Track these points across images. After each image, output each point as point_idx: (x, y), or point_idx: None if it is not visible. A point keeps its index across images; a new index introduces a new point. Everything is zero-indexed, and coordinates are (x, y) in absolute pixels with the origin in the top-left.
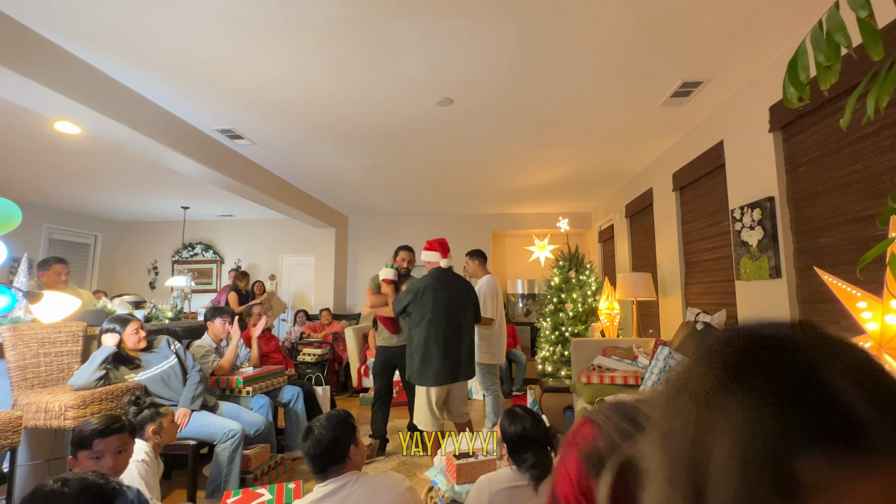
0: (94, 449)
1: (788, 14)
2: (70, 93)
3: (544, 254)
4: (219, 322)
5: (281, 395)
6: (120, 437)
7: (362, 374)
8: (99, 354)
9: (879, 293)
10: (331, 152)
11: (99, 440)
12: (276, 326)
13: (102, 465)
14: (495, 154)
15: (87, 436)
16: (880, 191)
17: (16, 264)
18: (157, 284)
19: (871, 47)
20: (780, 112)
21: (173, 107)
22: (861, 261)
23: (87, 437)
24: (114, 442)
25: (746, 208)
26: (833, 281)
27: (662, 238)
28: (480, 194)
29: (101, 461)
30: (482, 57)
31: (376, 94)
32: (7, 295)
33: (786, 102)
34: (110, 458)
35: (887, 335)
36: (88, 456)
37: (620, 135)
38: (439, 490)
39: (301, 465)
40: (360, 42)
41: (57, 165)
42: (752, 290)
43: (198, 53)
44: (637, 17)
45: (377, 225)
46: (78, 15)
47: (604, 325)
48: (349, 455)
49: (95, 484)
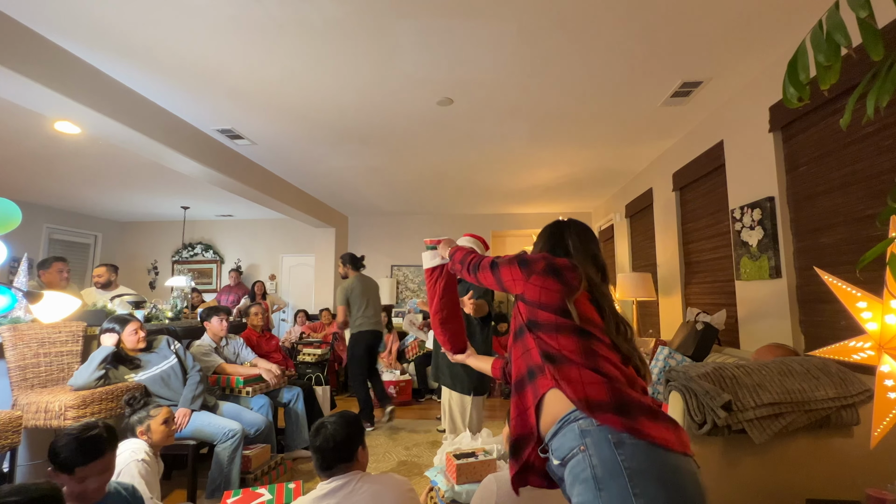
0: (76, 475)
1: (788, 14)
2: (70, 93)
3: None
4: (215, 321)
5: (281, 395)
6: (102, 460)
7: None
8: (98, 354)
9: (879, 293)
10: (331, 152)
11: (80, 467)
12: (277, 326)
13: (86, 488)
14: (495, 154)
15: (65, 461)
16: (880, 191)
17: (16, 264)
18: (157, 284)
19: (871, 47)
20: (780, 112)
21: (173, 107)
22: (861, 261)
23: (68, 461)
24: (96, 467)
25: (746, 208)
26: (833, 281)
27: (662, 238)
28: (480, 194)
29: (83, 484)
30: (482, 57)
31: (376, 94)
32: (7, 295)
33: (786, 102)
34: (95, 479)
35: (887, 335)
36: (70, 479)
37: (620, 135)
38: (439, 490)
39: (301, 465)
40: (360, 42)
41: (57, 165)
42: (752, 290)
43: (198, 53)
44: (637, 17)
45: (377, 225)
46: (78, 15)
47: None
48: (357, 455)
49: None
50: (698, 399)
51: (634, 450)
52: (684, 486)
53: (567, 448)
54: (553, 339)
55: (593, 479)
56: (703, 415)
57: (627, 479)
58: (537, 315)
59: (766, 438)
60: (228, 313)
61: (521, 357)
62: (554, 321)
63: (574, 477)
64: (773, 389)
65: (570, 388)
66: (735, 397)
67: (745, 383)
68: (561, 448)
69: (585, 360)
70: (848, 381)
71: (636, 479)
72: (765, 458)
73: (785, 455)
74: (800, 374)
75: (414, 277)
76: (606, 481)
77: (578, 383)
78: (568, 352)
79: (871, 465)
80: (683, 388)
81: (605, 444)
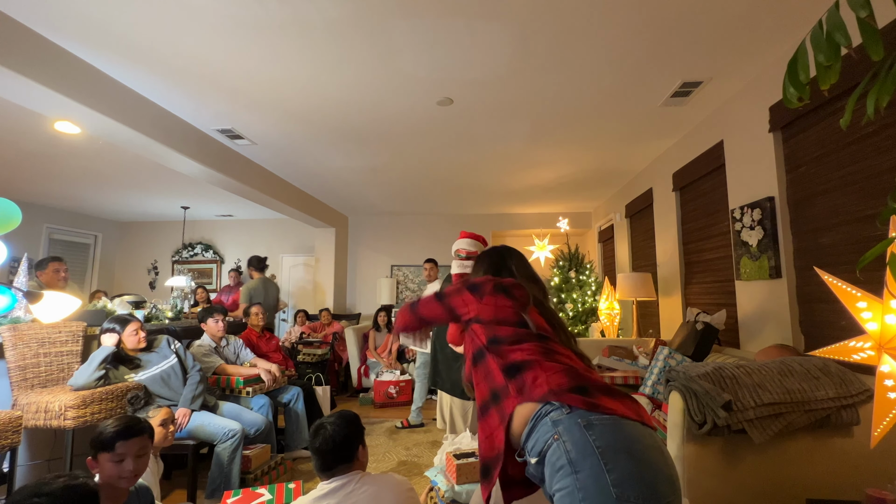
0: (117, 451)
1: (788, 14)
2: (70, 93)
3: (544, 254)
4: (211, 322)
5: (281, 396)
6: (141, 439)
7: (362, 374)
8: (98, 354)
9: (879, 293)
10: (331, 152)
11: (122, 442)
12: (277, 326)
13: (124, 468)
14: (495, 154)
15: (109, 437)
16: (880, 191)
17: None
18: (157, 284)
19: (871, 47)
20: (780, 112)
21: (173, 107)
22: (861, 261)
23: (110, 438)
24: (135, 444)
25: (746, 208)
26: (833, 281)
27: (662, 238)
28: (480, 194)
29: (122, 464)
30: (482, 57)
31: (376, 94)
32: (7, 295)
33: (786, 102)
34: (131, 461)
35: (887, 335)
36: (110, 458)
37: (620, 135)
38: (439, 490)
39: (301, 466)
40: (360, 42)
41: (57, 165)
42: (752, 290)
43: (198, 53)
44: (637, 17)
45: (377, 225)
46: (78, 15)
47: (604, 325)
48: (357, 455)
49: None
50: (698, 399)
51: (602, 429)
52: (649, 455)
53: (542, 442)
54: (516, 348)
55: (569, 463)
56: (703, 415)
57: (599, 456)
58: (497, 331)
59: (766, 438)
60: (224, 313)
61: (484, 381)
62: (514, 332)
63: (552, 466)
64: (773, 389)
65: (534, 390)
66: (735, 397)
67: (745, 383)
68: (536, 444)
69: (546, 357)
70: (848, 381)
71: (607, 454)
72: (765, 458)
73: (785, 455)
74: (800, 374)
75: (414, 277)
76: (580, 462)
77: (542, 378)
78: (530, 354)
79: (871, 465)
80: (683, 388)
81: (575, 427)
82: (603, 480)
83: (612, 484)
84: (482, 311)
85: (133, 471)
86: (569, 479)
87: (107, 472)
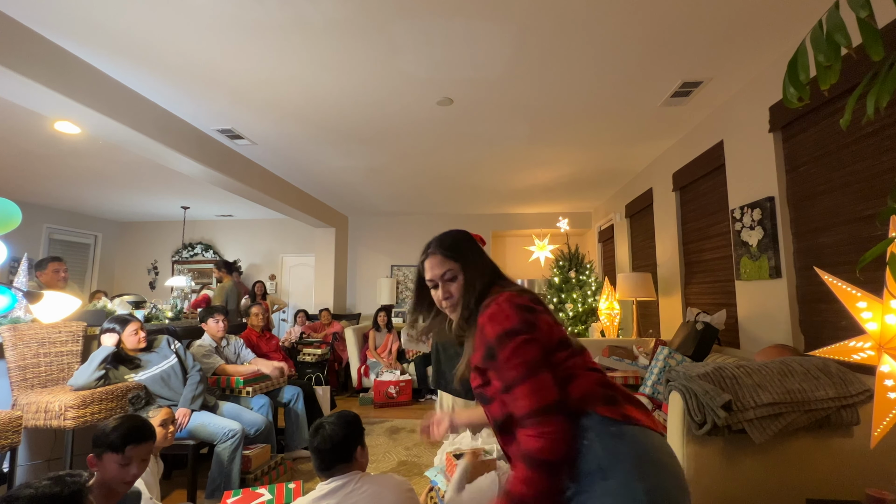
0: (126, 454)
1: (788, 14)
2: (70, 93)
3: (544, 254)
4: (212, 322)
5: (281, 395)
6: (149, 444)
7: (362, 374)
8: (98, 354)
9: (879, 293)
10: (331, 152)
11: (132, 446)
12: (277, 326)
13: (128, 472)
14: (495, 154)
15: (119, 440)
16: (880, 191)
17: (16, 264)
18: (157, 284)
19: (871, 47)
20: (780, 112)
21: (173, 107)
22: (861, 261)
23: (120, 441)
24: (144, 449)
25: (746, 208)
26: (833, 281)
27: (662, 238)
28: (480, 194)
29: (127, 468)
30: (482, 57)
31: (376, 94)
32: (7, 295)
33: (786, 102)
34: (136, 465)
35: (887, 335)
36: (116, 460)
37: (620, 135)
38: (439, 490)
39: (301, 466)
40: (360, 42)
41: (57, 165)
42: (752, 290)
43: (198, 53)
44: (637, 17)
45: (377, 225)
46: (78, 15)
47: (604, 325)
48: (356, 455)
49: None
50: (698, 399)
51: (632, 437)
52: (673, 465)
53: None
54: (570, 369)
55: (599, 469)
56: (703, 415)
57: (631, 464)
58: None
59: (766, 438)
60: (225, 313)
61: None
62: (566, 353)
63: (580, 471)
64: (773, 389)
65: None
66: (735, 397)
67: (745, 383)
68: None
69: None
70: (848, 381)
71: (639, 463)
72: (765, 457)
73: (785, 455)
74: (800, 374)
75: (414, 277)
76: (611, 469)
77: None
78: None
79: (871, 465)
80: (683, 388)
81: (607, 436)
82: (633, 488)
83: (644, 492)
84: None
85: (136, 475)
86: (597, 486)
87: (110, 473)
